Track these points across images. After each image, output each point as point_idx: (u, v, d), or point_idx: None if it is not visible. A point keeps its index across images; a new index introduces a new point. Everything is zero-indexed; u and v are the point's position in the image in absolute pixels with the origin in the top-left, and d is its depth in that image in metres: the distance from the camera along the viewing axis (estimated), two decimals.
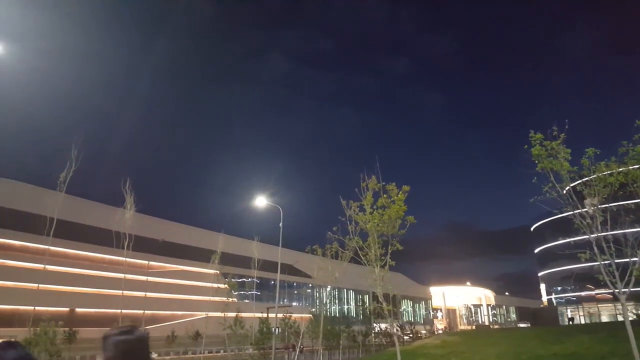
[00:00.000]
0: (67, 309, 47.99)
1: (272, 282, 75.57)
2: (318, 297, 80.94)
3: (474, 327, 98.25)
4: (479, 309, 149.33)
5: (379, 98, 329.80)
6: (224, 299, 14.33)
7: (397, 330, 42.59)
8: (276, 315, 33.80)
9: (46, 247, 45.86)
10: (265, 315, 31.00)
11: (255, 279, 52.94)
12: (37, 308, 38.91)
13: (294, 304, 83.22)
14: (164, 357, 40.78)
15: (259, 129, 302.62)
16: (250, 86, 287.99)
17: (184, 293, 64.61)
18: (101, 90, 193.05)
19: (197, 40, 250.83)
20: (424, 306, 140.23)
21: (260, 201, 38.99)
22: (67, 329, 34.31)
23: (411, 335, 50.24)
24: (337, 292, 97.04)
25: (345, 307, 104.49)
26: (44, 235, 16.82)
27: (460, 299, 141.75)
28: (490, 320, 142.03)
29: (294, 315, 32.00)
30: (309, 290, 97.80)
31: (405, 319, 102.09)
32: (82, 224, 50.32)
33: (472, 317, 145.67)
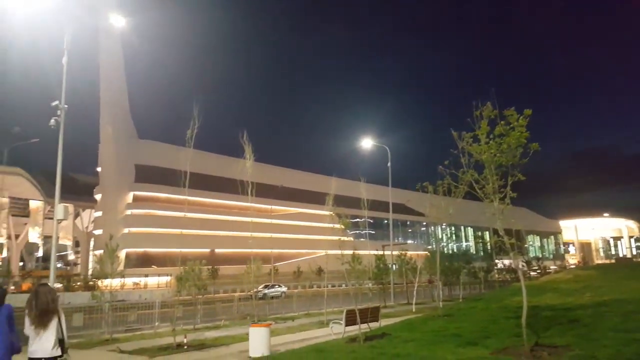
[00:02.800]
0: (208, 250, 54.55)
1: (385, 222, 76.78)
2: (433, 235, 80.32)
3: (613, 261, 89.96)
4: (619, 242, 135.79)
5: (492, 23, 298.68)
6: (340, 237, 15.10)
7: (522, 265, 40.92)
8: (392, 253, 34.54)
9: (185, 197, 51.82)
10: (380, 252, 31.88)
11: (367, 219, 54.15)
12: (183, 250, 44.71)
13: (409, 241, 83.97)
14: (293, 290, 44.65)
15: (362, 69, 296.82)
16: (352, 27, 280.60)
17: (304, 233, 68.99)
18: (216, 53, 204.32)
19: None
20: (552, 241, 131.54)
21: (367, 142, 39.10)
22: (209, 267, 39.18)
23: (539, 271, 47.83)
24: (453, 230, 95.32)
25: (464, 244, 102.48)
26: (182, 187, 18.97)
27: (596, 232, 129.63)
28: (634, 252, 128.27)
29: (410, 253, 32.40)
30: (423, 229, 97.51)
31: (531, 254, 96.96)
32: (212, 175, 55.46)
33: (610, 250, 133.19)
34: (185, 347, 12.88)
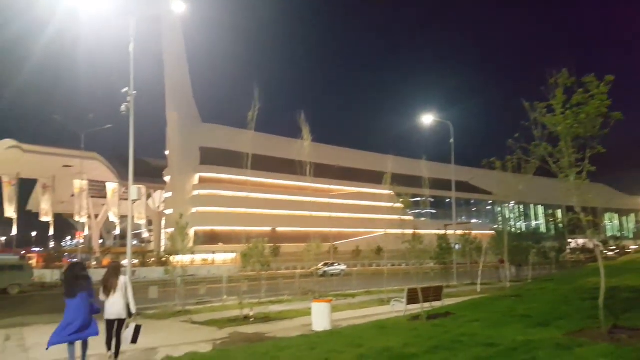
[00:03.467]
0: (269, 229, 56.16)
1: (447, 200, 74.82)
2: (500, 214, 77.34)
3: None
4: None
5: None
6: (399, 217, 14.91)
7: (598, 245, 38.35)
8: (455, 232, 33.65)
9: (246, 178, 53.34)
10: (443, 232, 31.21)
11: (429, 198, 53.05)
12: (247, 228, 46.25)
13: (473, 220, 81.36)
14: (352, 268, 45.02)
15: (422, 42, 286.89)
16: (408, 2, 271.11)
17: (363, 212, 69.00)
18: (274, 34, 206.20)
19: None
20: (633, 219, 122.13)
21: (428, 119, 37.82)
22: (271, 244, 40.38)
23: (617, 251, 44.67)
24: (522, 208, 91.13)
25: (533, 223, 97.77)
26: (244, 168, 19.53)
27: None
28: None
29: (474, 232, 31.43)
30: (488, 207, 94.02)
31: (608, 233, 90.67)
32: (272, 157, 56.65)
33: None
34: (252, 319, 13.43)
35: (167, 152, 61.58)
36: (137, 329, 8.14)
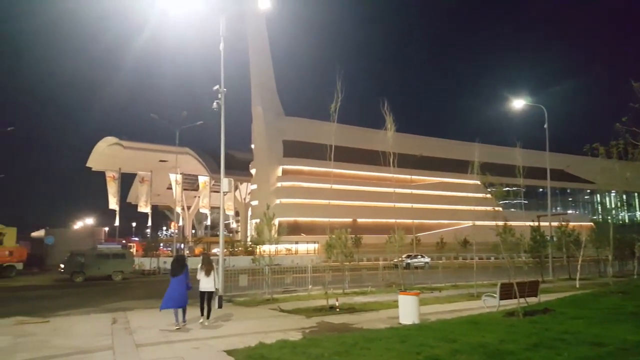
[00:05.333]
0: (351, 220, 56.44)
1: (540, 190, 69.90)
2: (600, 203, 70.73)
3: None
4: None
5: None
6: (488, 208, 14.07)
7: None
8: (550, 224, 31.30)
9: (327, 169, 53.81)
10: (536, 224, 29.18)
11: (521, 188, 49.98)
12: (328, 219, 46.78)
13: (569, 211, 75.49)
14: (437, 260, 43.76)
15: (509, 21, 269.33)
16: None
17: (447, 203, 66.72)
18: (353, 25, 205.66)
19: None
20: None
21: (519, 103, 35.34)
22: (353, 235, 40.53)
23: None
24: (625, 197, 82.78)
25: (638, 213, 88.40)
26: (326, 160, 19.70)
27: None
28: None
29: (571, 224, 29.08)
30: (586, 197, 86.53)
31: None
32: (352, 147, 56.72)
33: None
34: (338, 309, 13.58)
35: (252, 146, 64.16)
36: (220, 298, 13.45)
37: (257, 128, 61.75)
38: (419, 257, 43.17)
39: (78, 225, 72.96)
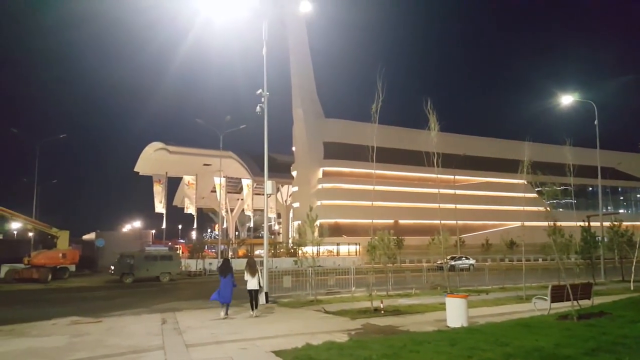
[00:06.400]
0: (392, 221, 55.84)
1: (590, 189, 66.79)
2: None
3: None
4: None
5: None
6: (539, 208, 13.55)
7: None
8: (601, 223, 29.85)
9: (368, 171, 53.53)
10: (586, 224, 27.90)
11: (571, 187, 47.89)
12: (369, 221, 46.51)
13: (621, 211, 71.74)
14: (482, 262, 42.67)
15: (556, 12, 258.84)
16: None
17: (492, 204, 64.83)
18: (393, 25, 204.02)
19: None
20: None
21: (567, 99, 33.92)
22: (395, 237, 40.11)
23: None
24: None
25: None
26: (368, 161, 19.59)
27: None
28: None
29: (624, 223, 27.70)
30: (639, 195, 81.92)
31: None
32: (393, 148, 56.11)
33: None
34: (382, 312, 13.51)
35: (293, 148, 64.75)
36: (267, 294, 16.07)
37: (298, 130, 62.25)
38: (464, 258, 42.21)
39: (126, 228, 76.07)
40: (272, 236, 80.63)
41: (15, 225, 45.29)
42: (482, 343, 8.05)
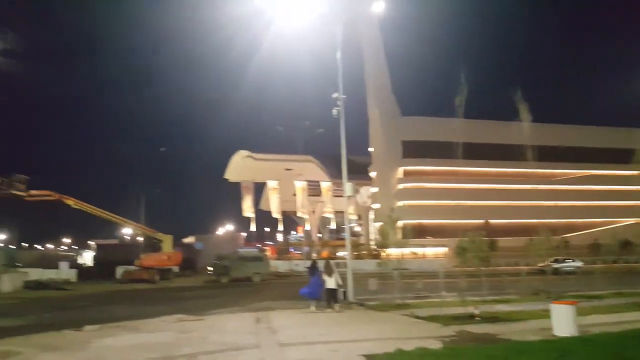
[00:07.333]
0: (482, 221, 52.81)
1: None
2: None
3: None
4: None
5: None
6: None
7: None
8: None
9: (450, 168, 51.39)
10: None
11: None
12: (457, 221, 44.54)
13: None
14: (591, 265, 38.71)
15: None
16: None
17: (600, 199, 58.77)
18: (475, 12, 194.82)
19: None
20: None
21: None
22: (487, 238, 37.79)
23: None
24: None
25: None
26: (449, 158, 18.69)
27: None
28: None
29: None
30: None
31: None
32: (479, 143, 53.24)
33: None
34: (478, 318, 12.62)
35: (370, 149, 64.23)
36: (345, 292, 16.62)
37: (375, 131, 61.55)
38: (569, 260, 38.67)
39: (220, 231, 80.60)
40: (354, 238, 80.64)
41: (127, 231, 50.09)
42: (599, 355, 7.13)
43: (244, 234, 67.77)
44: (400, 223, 19.30)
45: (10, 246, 67.99)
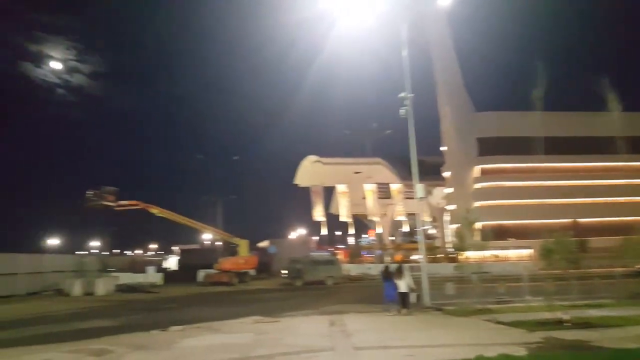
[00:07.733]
0: (570, 220, 48.87)
1: None
2: None
3: None
4: None
5: None
6: None
7: None
8: None
9: (535, 165, 48.27)
10: None
11: None
12: (541, 221, 41.69)
13: None
14: None
15: None
16: None
17: None
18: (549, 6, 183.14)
19: None
20: None
21: None
22: (576, 238, 34.95)
23: None
24: None
25: None
26: (530, 154, 17.53)
27: None
28: None
29: None
30: None
31: None
32: (563, 137, 49.49)
33: None
34: (567, 324, 11.66)
35: (442, 148, 62.11)
36: (417, 295, 16.47)
37: (447, 129, 59.32)
38: None
39: (292, 235, 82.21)
40: (429, 240, 78.41)
41: (206, 236, 52.89)
42: None
43: (316, 238, 68.58)
44: (478, 224, 18.45)
45: (103, 253, 74.66)
